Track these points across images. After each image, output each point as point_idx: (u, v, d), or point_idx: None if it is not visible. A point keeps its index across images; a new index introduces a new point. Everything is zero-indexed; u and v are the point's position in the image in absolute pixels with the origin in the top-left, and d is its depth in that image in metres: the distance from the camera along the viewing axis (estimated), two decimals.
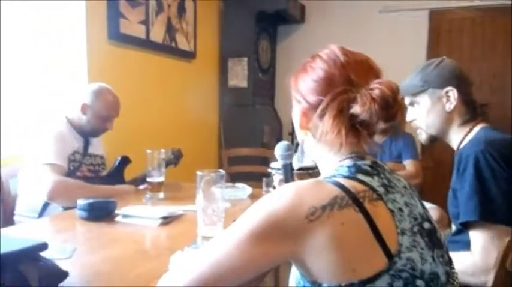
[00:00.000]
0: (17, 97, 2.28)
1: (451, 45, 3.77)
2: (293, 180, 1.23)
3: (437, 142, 1.42)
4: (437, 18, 3.78)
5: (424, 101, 1.35)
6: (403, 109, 0.81)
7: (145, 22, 2.90)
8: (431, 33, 3.79)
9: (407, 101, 1.40)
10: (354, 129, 0.78)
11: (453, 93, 1.31)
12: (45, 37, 2.39)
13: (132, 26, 2.76)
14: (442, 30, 3.78)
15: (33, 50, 2.35)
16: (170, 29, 3.18)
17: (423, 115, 1.37)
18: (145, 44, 2.92)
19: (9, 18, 2.21)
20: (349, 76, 0.79)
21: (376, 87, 0.75)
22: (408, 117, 1.43)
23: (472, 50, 3.71)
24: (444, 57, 1.40)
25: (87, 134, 2.01)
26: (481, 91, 3.63)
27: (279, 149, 1.23)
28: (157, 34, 3.04)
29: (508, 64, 3.52)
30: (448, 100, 1.32)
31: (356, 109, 0.75)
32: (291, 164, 1.23)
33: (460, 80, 1.34)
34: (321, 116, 0.79)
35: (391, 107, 0.75)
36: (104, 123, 1.98)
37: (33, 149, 1.86)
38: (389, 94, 0.75)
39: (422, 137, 1.43)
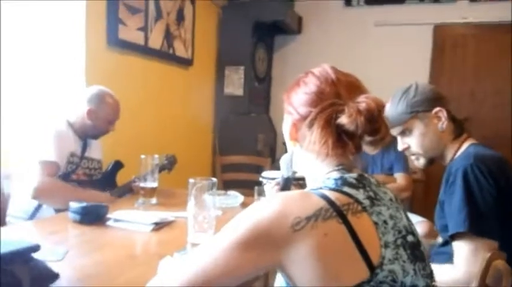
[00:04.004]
0: (14, 98, 2.30)
1: (452, 59, 3.83)
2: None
3: (434, 163, 1.44)
4: (439, 32, 3.83)
5: (417, 126, 1.38)
6: (387, 125, 0.84)
7: (144, 29, 2.93)
8: (435, 47, 3.85)
9: (396, 131, 1.42)
10: (341, 141, 0.81)
11: (442, 112, 1.35)
12: (45, 41, 2.42)
13: (130, 32, 2.80)
14: (446, 45, 3.83)
15: (32, 52, 2.37)
16: (168, 36, 3.21)
17: (419, 141, 1.39)
18: (144, 50, 2.95)
19: (7, 20, 2.24)
20: (338, 91, 0.84)
21: (362, 101, 0.79)
22: (400, 147, 1.44)
23: (475, 67, 3.75)
24: (416, 82, 1.43)
25: (90, 136, 2.04)
26: (483, 107, 3.67)
27: (285, 161, 1.24)
28: (156, 41, 3.07)
29: (510, 80, 3.55)
30: (439, 120, 1.36)
31: (343, 120, 0.78)
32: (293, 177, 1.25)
33: (443, 99, 1.39)
34: (310, 126, 0.83)
35: (376, 121, 0.79)
36: (109, 125, 2.03)
37: (30, 149, 1.88)
38: (375, 107, 0.78)
39: (420, 162, 1.43)
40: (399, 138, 1.44)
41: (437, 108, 1.35)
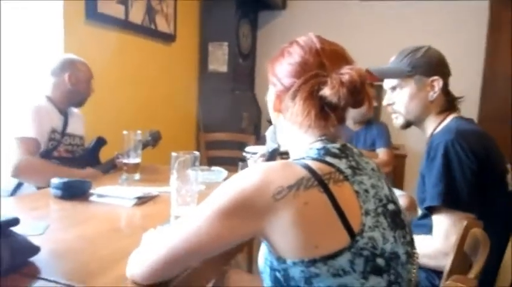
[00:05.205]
0: None
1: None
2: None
3: (410, 127, 1.44)
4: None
5: (410, 86, 1.36)
6: (370, 97, 0.83)
7: (125, 2, 2.85)
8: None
9: (390, 84, 1.40)
10: (324, 112, 0.81)
11: (438, 82, 1.33)
12: (21, 14, 2.33)
13: (110, 5, 2.71)
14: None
15: (8, 26, 2.29)
16: (150, 10, 3.14)
17: (405, 100, 1.37)
18: (124, 24, 2.87)
19: None
20: (323, 61, 0.83)
21: (346, 73, 0.78)
22: (386, 101, 1.43)
23: None
24: (430, 45, 1.40)
25: (74, 104, 2.05)
26: None
27: (270, 133, 1.24)
28: (137, 15, 2.99)
29: None
30: (432, 89, 1.34)
31: (325, 91, 0.78)
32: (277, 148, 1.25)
33: (445, 70, 1.37)
34: (293, 97, 0.82)
35: (359, 92, 0.79)
36: (89, 86, 2.05)
37: (9, 127, 1.84)
38: (358, 79, 0.78)
39: (398, 121, 1.43)
40: (388, 93, 1.42)
41: (434, 77, 1.33)
